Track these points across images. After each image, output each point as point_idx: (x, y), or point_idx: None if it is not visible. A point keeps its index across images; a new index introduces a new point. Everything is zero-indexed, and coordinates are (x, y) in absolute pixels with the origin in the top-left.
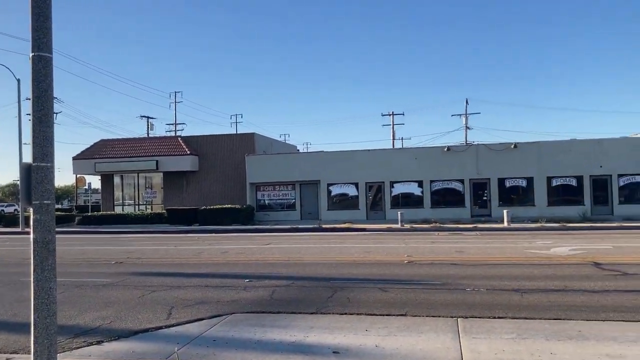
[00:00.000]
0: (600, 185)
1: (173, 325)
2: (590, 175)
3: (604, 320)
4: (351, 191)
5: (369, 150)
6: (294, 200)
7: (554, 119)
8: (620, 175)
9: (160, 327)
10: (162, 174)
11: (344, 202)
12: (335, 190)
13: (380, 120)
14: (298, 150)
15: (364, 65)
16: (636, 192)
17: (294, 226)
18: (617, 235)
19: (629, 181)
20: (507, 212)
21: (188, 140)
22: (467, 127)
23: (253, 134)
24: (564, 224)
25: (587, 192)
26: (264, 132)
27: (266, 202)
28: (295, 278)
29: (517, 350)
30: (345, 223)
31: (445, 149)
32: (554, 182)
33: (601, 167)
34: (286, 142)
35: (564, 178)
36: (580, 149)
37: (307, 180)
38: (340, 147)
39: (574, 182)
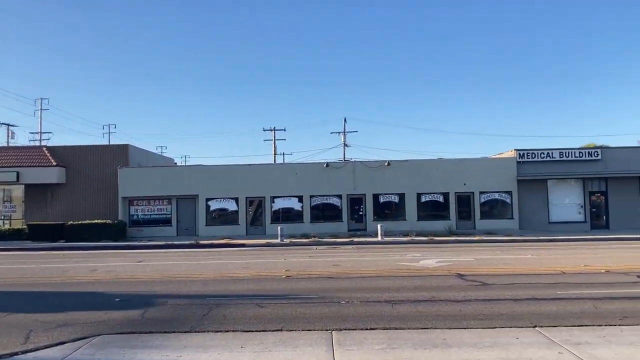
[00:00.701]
0: (464, 201)
1: (31, 351)
2: (455, 192)
3: (465, 328)
4: (231, 206)
5: (249, 164)
6: (170, 216)
7: (424, 139)
8: (481, 193)
9: (16, 353)
10: (23, 186)
11: (223, 218)
12: (214, 205)
13: (262, 135)
14: (176, 163)
15: (245, 80)
16: (495, 208)
17: (170, 242)
18: (478, 248)
19: (489, 198)
20: (381, 226)
21: (54, 150)
22: (345, 145)
23: (127, 145)
24: (432, 238)
25: (452, 207)
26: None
27: (140, 217)
28: (169, 296)
29: (386, 359)
30: (224, 239)
31: (325, 165)
32: (423, 198)
33: (465, 184)
34: (163, 154)
35: (432, 194)
36: (447, 167)
37: (185, 195)
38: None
39: (441, 199)
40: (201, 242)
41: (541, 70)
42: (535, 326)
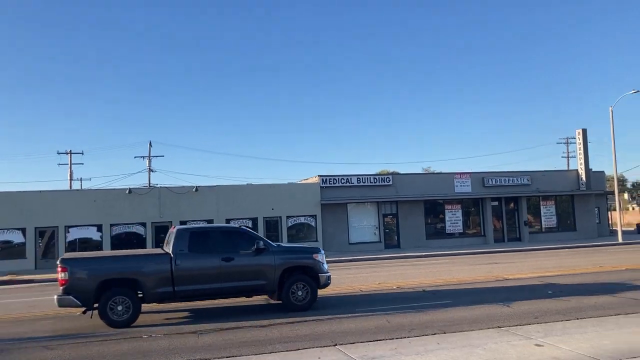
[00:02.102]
0: (272, 225)
1: None
2: (264, 217)
3: (270, 353)
4: (17, 238)
5: (40, 191)
6: None
7: (233, 165)
8: (288, 217)
9: None
10: None
11: (7, 251)
12: None
13: (56, 159)
14: None
15: (39, 99)
16: (301, 231)
17: None
18: None
19: (296, 222)
20: None
21: None
22: (150, 170)
23: None
24: None
25: (261, 232)
26: None
27: None
28: None
29: None
30: (7, 275)
31: (127, 192)
32: (232, 224)
33: (273, 209)
34: None
35: (241, 220)
36: (255, 192)
37: None
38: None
39: (249, 224)
40: None
41: (345, 102)
42: (336, 344)
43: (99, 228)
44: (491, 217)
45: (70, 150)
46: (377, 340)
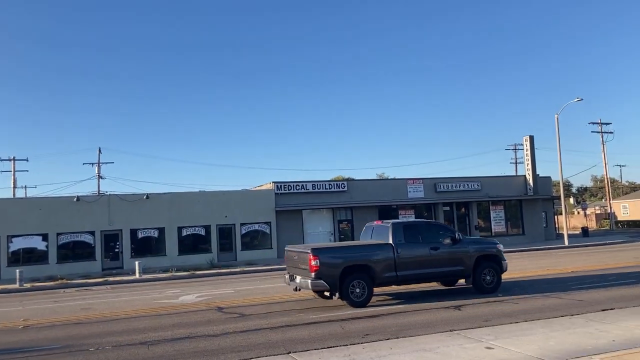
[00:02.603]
0: (226, 233)
1: None
2: (217, 225)
3: None
4: None
5: None
6: None
7: (186, 172)
8: (242, 224)
9: None
10: None
11: None
12: None
13: None
14: None
15: None
16: (255, 239)
17: None
18: (239, 279)
19: (250, 229)
20: (139, 263)
21: None
22: (100, 177)
23: None
24: (193, 272)
25: (214, 240)
26: None
27: None
28: None
29: None
30: None
31: (75, 199)
32: (185, 232)
33: (226, 217)
34: None
35: (193, 227)
36: (208, 200)
37: None
38: None
39: (202, 232)
40: None
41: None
42: (290, 352)
43: (45, 237)
44: (443, 222)
45: (14, 157)
46: (331, 347)
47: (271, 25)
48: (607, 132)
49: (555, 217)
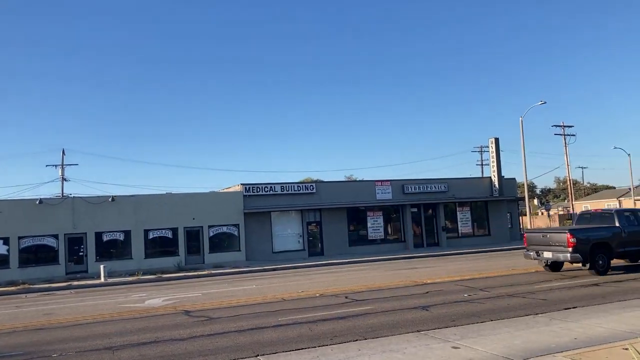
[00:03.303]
0: (194, 236)
1: None
2: (185, 227)
3: None
4: None
5: None
6: None
7: (151, 174)
8: (210, 226)
9: None
10: None
11: None
12: None
13: None
14: None
15: None
16: (223, 241)
17: None
18: (207, 282)
19: (218, 231)
20: (104, 266)
21: None
22: (63, 179)
23: None
24: (160, 275)
25: (181, 242)
26: None
27: None
28: None
29: None
30: None
31: (37, 202)
32: (151, 235)
33: (194, 219)
34: None
35: (160, 230)
36: (175, 202)
37: None
38: None
39: (169, 234)
40: None
41: (268, 109)
42: (258, 355)
43: (6, 241)
44: (411, 223)
45: None
46: (299, 349)
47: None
48: (569, 135)
49: (520, 217)
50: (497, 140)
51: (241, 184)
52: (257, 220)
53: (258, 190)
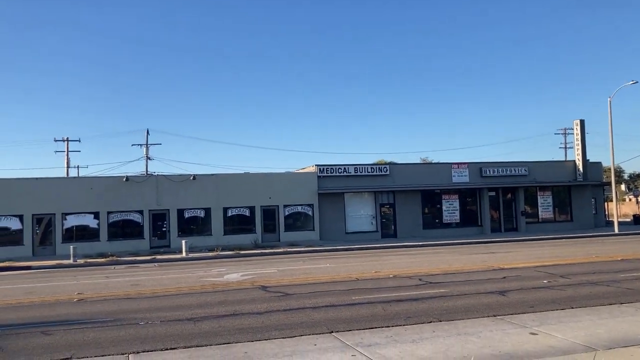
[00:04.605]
0: (269, 214)
1: None
2: (261, 206)
3: (267, 340)
4: (14, 225)
5: (37, 178)
6: None
7: (230, 154)
8: (285, 206)
9: None
10: None
11: (5, 238)
12: None
13: (52, 147)
14: None
15: (35, 86)
16: (298, 220)
17: None
18: (282, 259)
19: (293, 211)
20: (186, 242)
21: None
22: (148, 158)
23: None
24: (238, 252)
25: (258, 221)
26: None
27: None
28: None
29: None
30: (5, 262)
31: (125, 179)
32: (230, 212)
33: (270, 198)
34: None
35: (238, 208)
36: (253, 181)
37: None
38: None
39: (247, 212)
40: None
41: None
42: (332, 332)
43: (96, 215)
44: (488, 207)
45: (68, 138)
46: (373, 328)
47: (323, 8)
48: None
49: (605, 203)
50: (582, 122)
51: (316, 165)
52: (330, 200)
53: (332, 171)
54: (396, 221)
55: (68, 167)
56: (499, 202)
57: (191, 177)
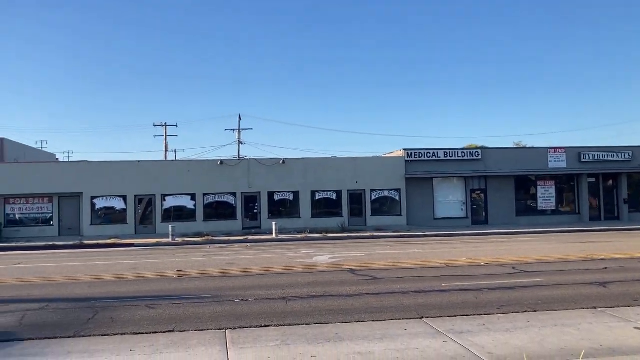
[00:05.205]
0: (356, 198)
1: None
2: (348, 190)
3: (357, 322)
4: (118, 205)
5: (139, 161)
6: (50, 215)
7: (318, 138)
8: (372, 190)
9: None
10: None
11: (110, 217)
12: (101, 203)
13: (152, 131)
14: (57, 159)
15: (134, 73)
16: (384, 205)
17: (51, 243)
18: (369, 243)
19: (380, 195)
20: (276, 224)
21: None
22: (240, 142)
23: (2, 139)
24: (325, 234)
25: (345, 205)
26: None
27: (17, 216)
28: (50, 300)
29: (281, 356)
30: (111, 239)
31: (219, 163)
32: (317, 196)
33: (357, 182)
34: (43, 150)
35: (325, 192)
36: (340, 166)
37: (68, 193)
38: (107, 158)
39: (334, 196)
40: (86, 242)
41: (425, 75)
42: (422, 317)
43: (193, 197)
44: (587, 194)
45: (165, 123)
46: (465, 316)
47: None
48: None
49: None
50: None
51: (403, 149)
52: (418, 185)
53: (420, 155)
54: (487, 207)
55: (166, 150)
56: (599, 188)
57: (281, 161)
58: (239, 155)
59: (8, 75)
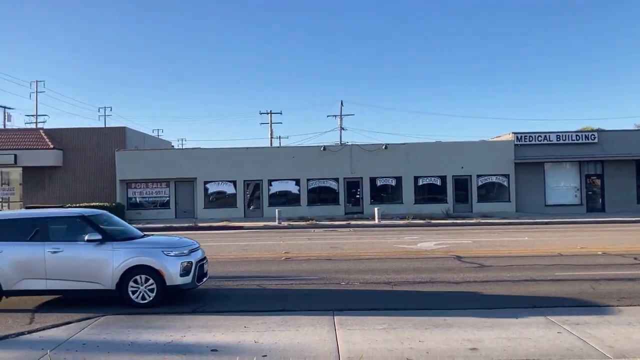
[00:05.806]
0: (461, 184)
1: (37, 330)
2: (453, 175)
3: (465, 309)
4: (229, 189)
5: (247, 148)
6: (168, 198)
7: (420, 123)
8: (478, 176)
9: (22, 333)
10: (21, 169)
11: (221, 200)
12: (212, 188)
13: (258, 119)
14: (173, 146)
15: (241, 63)
16: (491, 191)
17: (169, 225)
18: (475, 230)
19: (486, 181)
20: (378, 209)
21: (51, 133)
22: (341, 128)
23: (124, 128)
24: (429, 221)
25: (449, 190)
26: (136, 126)
27: (138, 200)
28: None
29: (388, 339)
30: (222, 221)
31: (322, 149)
32: (420, 182)
33: (462, 168)
34: (160, 137)
35: (429, 178)
36: (444, 150)
37: (183, 178)
38: (217, 144)
39: (438, 182)
40: (200, 224)
41: (536, 55)
42: (534, 306)
43: (297, 182)
44: None
45: (271, 111)
46: (580, 306)
47: None
48: None
49: None
50: None
51: (512, 133)
52: (528, 170)
53: (531, 139)
54: (604, 194)
55: (271, 137)
56: None
57: (383, 147)
58: (340, 141)
59: (125, 72)
